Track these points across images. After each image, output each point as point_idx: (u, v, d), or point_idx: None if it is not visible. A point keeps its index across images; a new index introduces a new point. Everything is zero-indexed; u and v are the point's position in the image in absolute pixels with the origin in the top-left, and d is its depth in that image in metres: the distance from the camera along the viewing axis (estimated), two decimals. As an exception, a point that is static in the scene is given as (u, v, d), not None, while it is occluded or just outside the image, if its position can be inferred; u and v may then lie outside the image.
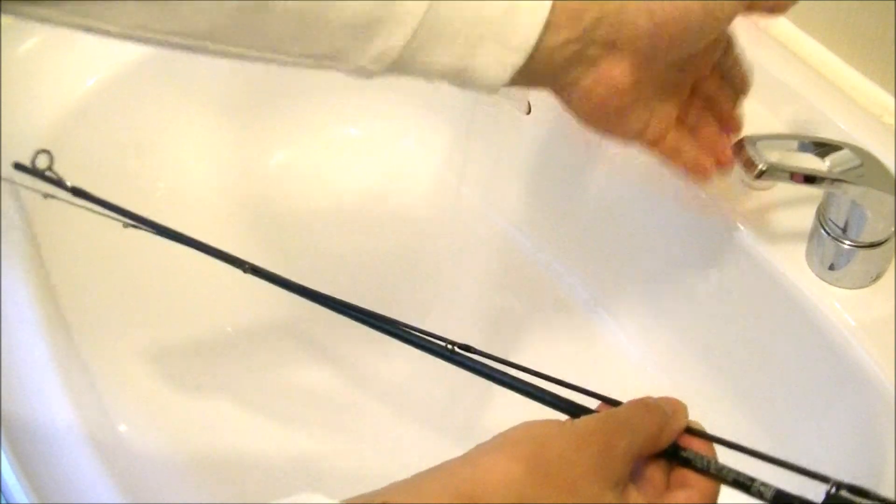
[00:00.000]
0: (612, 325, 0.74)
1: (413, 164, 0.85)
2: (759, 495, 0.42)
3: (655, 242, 0.70)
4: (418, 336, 0.51)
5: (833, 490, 0.41)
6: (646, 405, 0.45)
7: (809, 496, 0.41)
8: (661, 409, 0.45)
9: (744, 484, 0.43)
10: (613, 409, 0.45)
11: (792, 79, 0.65)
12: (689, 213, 0.65)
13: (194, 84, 0.81)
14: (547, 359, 0.74)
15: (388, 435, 0.71)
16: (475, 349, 0.49)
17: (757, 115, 0.67)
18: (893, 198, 0.54)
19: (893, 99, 0.62)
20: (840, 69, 0.65)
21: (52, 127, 0.74)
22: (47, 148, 0.66)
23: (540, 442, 0.41)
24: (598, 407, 0.47)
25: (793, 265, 0.60)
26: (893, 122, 0.62)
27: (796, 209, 0.61)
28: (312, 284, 0.79)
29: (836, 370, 0.57)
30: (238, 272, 0.56)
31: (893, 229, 0.57)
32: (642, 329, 0.72)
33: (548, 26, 0.48)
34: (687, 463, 0.44)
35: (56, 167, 0.72)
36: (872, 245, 0.57)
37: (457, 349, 0.49)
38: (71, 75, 0.76)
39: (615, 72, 0.51)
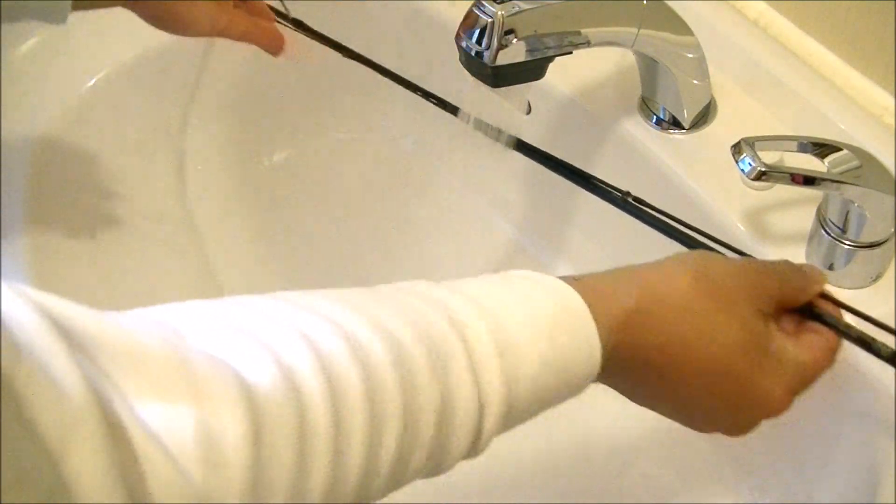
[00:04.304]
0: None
1: (413, 164, 0.85)
2: (878, 353, 0.50)
3: (656, 243, 0.70)
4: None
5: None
6: (794, 265, 0.53)
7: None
8: (805, 272, 0.52)
9: (866, 342, 0.50)
10: (768, 259, 0.54)
11: (792, 79, 0.65)
12: (689, 213, 0.65)
13: (194, 84, 0.81)
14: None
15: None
16: (646, 202, 0.57)
17: (757, 114, 0.67)
18: (893, 198, 0.54)
19: (893, 99, 0.62)
20: (840, 69, 0.64)
21: (53, 127, 0.74)
22: (47, 150, 0.66)
23: (704, 262, 0.48)
24: None
25: (793, 265, 0.60)
26: (893, 123, 0.62)
27: (796, 209, 0.61)
28: (310, 284, 0.78)
29: (835, 370, 0.57)
30: (234, 272, 0.56)
31: (893, 229, 0.57)
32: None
33: None
34: (818, 317, 0.52)
35: (56, 166, 0.72)
36: (872, 245, 0.57)
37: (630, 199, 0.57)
38: (71, 75, 0.76)
39: None
